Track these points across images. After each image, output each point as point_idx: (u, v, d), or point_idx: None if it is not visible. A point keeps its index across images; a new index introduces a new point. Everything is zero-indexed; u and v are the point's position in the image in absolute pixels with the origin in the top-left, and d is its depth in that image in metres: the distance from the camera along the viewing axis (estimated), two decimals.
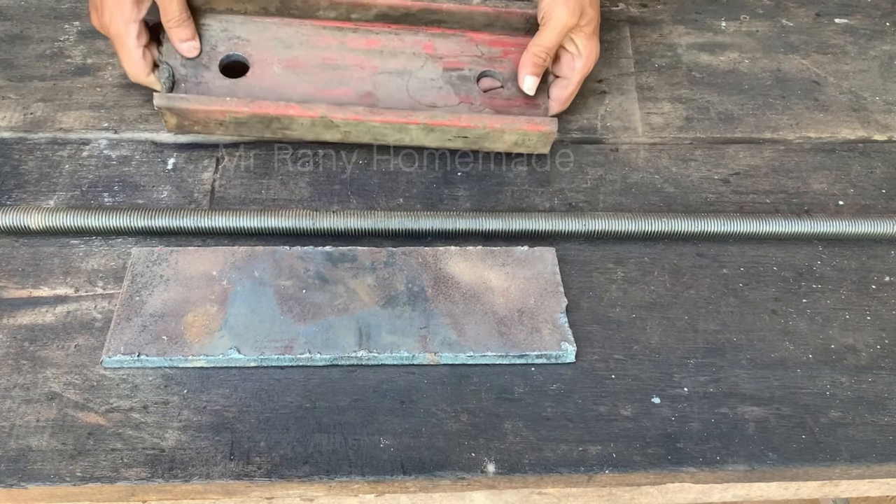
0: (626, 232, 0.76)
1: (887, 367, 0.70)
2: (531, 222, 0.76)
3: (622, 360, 0.69)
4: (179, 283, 0.70)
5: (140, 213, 0.74)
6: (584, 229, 0.76)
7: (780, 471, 0.64)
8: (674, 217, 0.77)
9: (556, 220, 0.76)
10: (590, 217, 0.76)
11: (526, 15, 0.83)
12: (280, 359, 0.66)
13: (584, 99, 0.92)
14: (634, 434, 0.64)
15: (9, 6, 0.97)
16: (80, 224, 0.73)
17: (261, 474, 0.60)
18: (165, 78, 0.79)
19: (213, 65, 0.80)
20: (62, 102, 0.87)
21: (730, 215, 0.77)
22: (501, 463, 0.62)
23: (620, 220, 0.76)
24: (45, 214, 0.73)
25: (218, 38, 0.81)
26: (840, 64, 0.99)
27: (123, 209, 0.74)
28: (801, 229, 0.77)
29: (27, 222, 0.72)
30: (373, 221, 0.75)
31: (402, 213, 0.75)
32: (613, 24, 1.01)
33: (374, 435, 0.63)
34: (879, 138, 0.90)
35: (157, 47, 0.81)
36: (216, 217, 0.74)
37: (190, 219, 0.74)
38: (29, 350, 0.66)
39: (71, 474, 0.60)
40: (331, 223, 0.75)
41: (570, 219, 0.76)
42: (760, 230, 0.77)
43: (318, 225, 0.74)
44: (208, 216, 0.74)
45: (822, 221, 0.78)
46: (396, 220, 0.75)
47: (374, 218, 0.75)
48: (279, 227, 0.74)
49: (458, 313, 0.70)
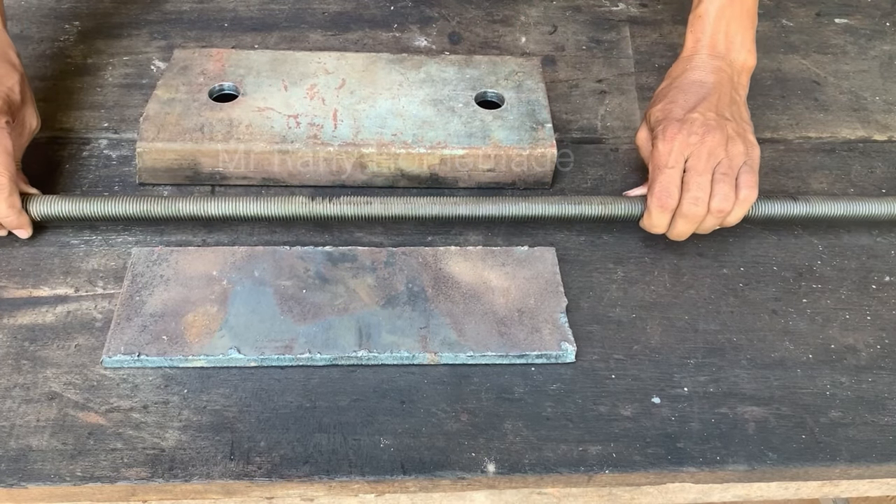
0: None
1: (887, 367, 0.70)
2: (531, 207, 0.75)
3: (622, 360, 0.69)
4: (179, 283, 0.70)
5: (144, 201, 0.73)
6: (582, 213, 0.75)
7: (780, 471, 0.64)
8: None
9: (554, 204, 0.75)
10: (587, 202, 0.75)
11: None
12: (280, 359, 0.66)
13: (584, 99, 0.92)
14: (634, 434, 0.64)
15: (9, 6, 0.97)
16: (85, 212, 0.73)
17: (261, 474, 0.60)
18: None
19: None
20: (62, 102, 0.87)
21: None
22: (501, 463, 0.62)
23: (618, 204, 0.76)
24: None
25: None
26: (840, 64, 0.99)
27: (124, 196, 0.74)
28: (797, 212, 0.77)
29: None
30: (371, 208, 0.74)
31: (402, 199, 0.75)
32: (613, 24, 1.01)
33: (374, 435, 0.63)
34: (879, 138, 0.90)
35: None
36: (215, 203, 0.73)
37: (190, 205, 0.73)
38: (29, 350, 0.66)
39: (71, 474, 0.60)
40: (329, 210, 0.74)
41: (568, 203, 0.75)
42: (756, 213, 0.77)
43: (316, 211, 0.74)
44: (208, 202, 0.73)
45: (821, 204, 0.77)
46: (397, 205, 0.74)
47: (373, 204, 0.74)
48: (278, 213, 0.74)
49: (458, 313, 0.70)
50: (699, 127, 0.73)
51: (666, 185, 0.72)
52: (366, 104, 0.82)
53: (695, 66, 0.79)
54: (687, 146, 0.72)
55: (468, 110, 0.82)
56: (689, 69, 0.79)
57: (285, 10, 1.00)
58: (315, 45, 0.96)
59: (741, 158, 0.73)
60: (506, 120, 0.81)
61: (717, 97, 0.76)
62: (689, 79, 0.78)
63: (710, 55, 0.79)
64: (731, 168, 0.72)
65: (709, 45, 0.80)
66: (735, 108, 0.77)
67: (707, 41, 0.80)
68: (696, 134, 0.72)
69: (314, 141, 0.78)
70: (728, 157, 0.72)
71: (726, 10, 0.80)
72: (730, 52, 0.80)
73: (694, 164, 0.72)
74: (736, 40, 0.80)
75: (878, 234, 0.80)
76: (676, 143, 0.72)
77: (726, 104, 0.76)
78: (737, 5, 0.80)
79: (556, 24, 1.01)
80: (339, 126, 0.79)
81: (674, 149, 0.72)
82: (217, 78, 0.83)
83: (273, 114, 0.80)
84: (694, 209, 0.71)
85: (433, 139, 0.79)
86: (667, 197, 0.71)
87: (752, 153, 0.74)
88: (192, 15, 0.99)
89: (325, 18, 1.00)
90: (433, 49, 0.96)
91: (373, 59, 0.87)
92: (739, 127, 0.75)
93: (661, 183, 0.72)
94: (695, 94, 0.77)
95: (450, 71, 0.86)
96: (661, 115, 0.76)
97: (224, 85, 0.83)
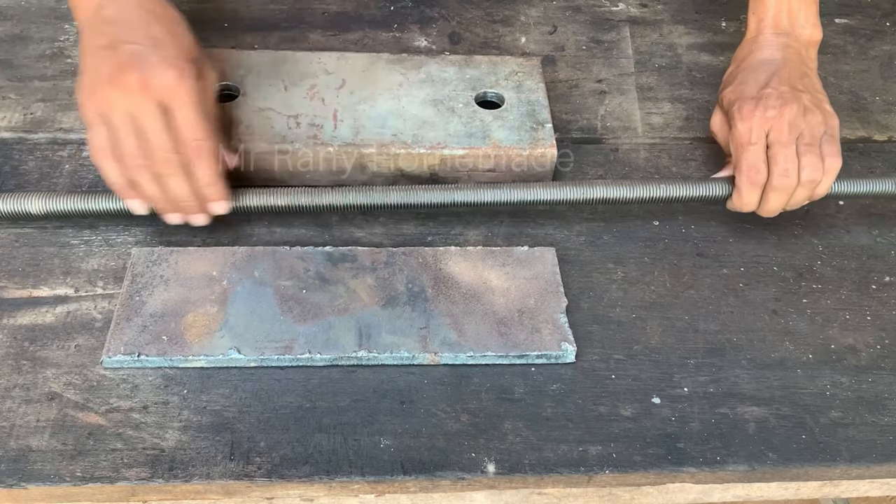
0: (626, 199, 0.76)
1: (887, 368, 0.70)
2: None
3: (622, 360, 0.69)
4: (179, 284, 0.70)
5: None
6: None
7: (780, 471, 0.64)
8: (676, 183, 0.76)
9: (555, 189, 0.76)
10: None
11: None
12: (280, 359, 0.66)
13: (584, 99, 0.92)
14: (634, 434, 0.64)
15: (9, 6, 0.97)
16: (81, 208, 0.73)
17: (261, 474, 0.60)
18: None
19: None
20: (62, 102, 0.87)
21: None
22: (501, 463, 0.62)
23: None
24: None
25: None
26: (840, 64, 0.99)
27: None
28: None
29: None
30: (370, 197, 0.75)
31: (400, 189, 0.75)
32: (613, 24, 1.01)
33: (374, 435, 0.63)
34: (879, 138, 0.90)
35: None
36: None
37: None
38: (29, 350, 0.66)
39: (71, 474, 0.60)
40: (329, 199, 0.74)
41: (568, 187, 0.76)
42: None
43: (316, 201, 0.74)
44: None
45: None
46: (395, 194, 0.75)
47: (372, 193, 0.75)
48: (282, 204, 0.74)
49: (458, 313, 0.70)
50: (775, 100, 0.73)
51: (753, 161, 0.72)
52: (366, 104, 0.82)
53: (760, 45, 0.79)
54: (766, 121, 0.72)
55: (468, 110, 0.82)
56: (755, 50, 0.79)
57: (285, 10, 1.00)
58: (315, 45, 0.96)
59: (821, 128, 0.73)
60: (506, 120, 0.81)
61: (788, 72, 0.76)
62: (756, 59, 0.79)
63: (775, 33, 0.79)
64: (814, 138, 0.72)
65: (772, 24, 0.80)
66: (807, 80, 0.77)
67: (770, 21, 0.80)
68: (773, 108, 0.73)
69: (314, 141, 0.78)
70: (809, 127, 0.72)
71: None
72: (794, 28, 0.79)
73: (777, 136, 0.72)
74: (800, 16, 0.80)
75: (878, 235, 0.80)
76: (756, 120, 0.73)
77: (797, 77, 0.76)
78: None
79: (556, 24, 1.01)
80: (339, 126, 0.79)
81: (754, 125, 0.73)
82: (217, 78, 0.83)
83: (273, 114, 0.80)
84: (785, 181, 0.71)
85: (433, 139, 0.79)
86: (755, 173, 0.72)
87: (830, 122, 0.74)
88: (191, 15, 0.98)
89: (325, 18, 1.00)
90: (433, 49, 0.96)
91: (373, 60, 0.87)
92: (814, 98, 0.75)
93: (747, 160, 0.72)
94: (764, 71, 0.77)
95: (450, 71, 0.86)
96: (733, 96, 0.76)
97: (224, 85, 0.83)
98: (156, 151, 0.66)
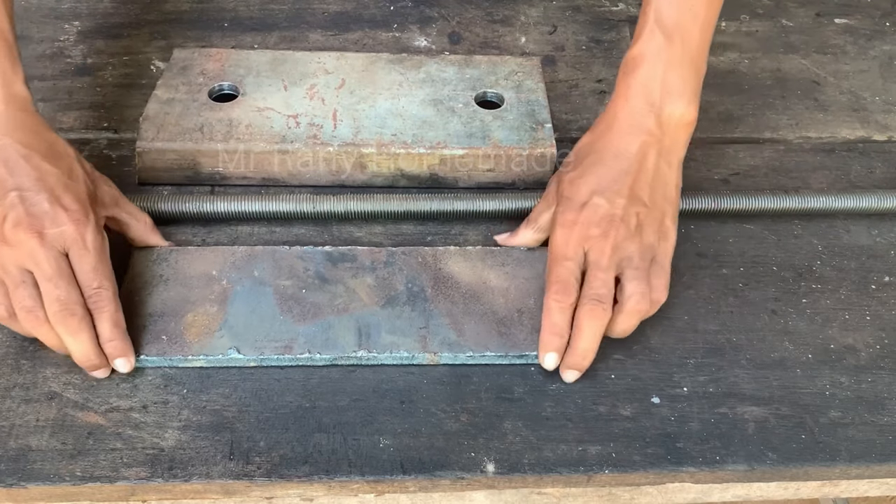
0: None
1: (887, 367, 0.70)
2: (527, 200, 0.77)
3: (622, 360, 0.69)
4: (179, 283, 0.70)
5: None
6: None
7: (779, 471, 0.64)
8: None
9: None
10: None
11: None
12: (280, 359, 0.66)
13: (584, 99, 0.92)
14: (634, 434, 0.64)
15: None
16: None
17: (260, 474, 0.60)
18: None
19: None
20: (62, 102, 0.87)
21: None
22: (501, 463, 0.62)
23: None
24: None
25: None
26: (840, 64, 0.99)
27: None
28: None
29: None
30: (371, 204, 0.76)
31: (401, 196, 0.76)
32: (613, 24, 1.01)
33: (374, 435, 0.63)
34: (879, 138, 0.90)
35: None
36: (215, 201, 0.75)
37: (190, 203, 0.75)
38: (29, 350, 0.66)
39: (71, 474, 0.60)
40: (331, 206, 0.75)
41: None
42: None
43: (318, 208, 0.75)
44: (208, 201, 0.75)
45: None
46: (396, 202, 0.76)
47: (373, 200, 0.76)
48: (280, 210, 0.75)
49: (457, 313, 0.70)
50: (601, 218, 0.67)
51: (564, 278, 0.66)
52: (365, 104, 0.82)
53: (620, 125, 0.71)
54: (587, 239, 0.66)
55: (468, 110, 0.82)
56: (613, 129, 0.71)
57: (285, 10, 1.00)
58: (315, 45, 0.96)
59: (650, 253, 0.67)
60: (505, 120, 0.81)
61: (637, 173, 0.69)
62: (609, 145, 0.70)
63: (642, 106, 0.70)
64: (644, 261, 0.67)
65: (642, 92, 0.70)
66: (658, 184, 0.69)
67: (639, 88, 0.70)
68: (597, 226, 0.66)
69: (314, 141, 0.78)
70: (638, 250, 0.67)
71: (664, 53, 0.70)
72: (665, 103, 0.70)
73: (596, 258, 0.66)
74: (673, 90, 0.70)
75: (878, 235, 0.80)
76: (575, 235, 0.67)
77: (646, 182, 0.69)
78: (677, 47, 0.70)
79: (555, 24, 1.01)
80: (338, 126, 0.79)
81: (571, 240, 0.67)
82: (217, 78, 0.83)
83: (273, 114, 0.80)
84: (598, 308, 0.65)
85: (433, 139, 0.79)
86: (564, 294, 0.65)
87: (661, 247, 0.68)
88: (191, 15, 0.99)
89: (325, 18, 1.00)
90: (433, 49, 0.96)
91: (373, 59, 0.87)
92: (655, 212, 0.68)
93: (557, 275, 0.66)
94: (611, 167, 0.69)
95: (449, 71, 0.86)
96: (567, 190, 0.69)
97: (224, 85, 0.83)
98: (53, 305, 0.61)
